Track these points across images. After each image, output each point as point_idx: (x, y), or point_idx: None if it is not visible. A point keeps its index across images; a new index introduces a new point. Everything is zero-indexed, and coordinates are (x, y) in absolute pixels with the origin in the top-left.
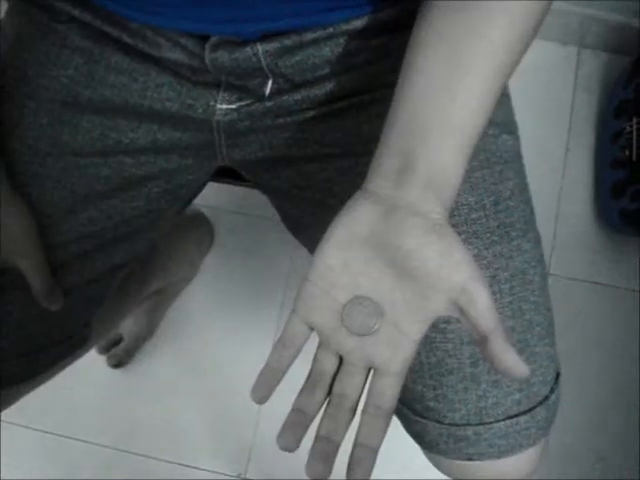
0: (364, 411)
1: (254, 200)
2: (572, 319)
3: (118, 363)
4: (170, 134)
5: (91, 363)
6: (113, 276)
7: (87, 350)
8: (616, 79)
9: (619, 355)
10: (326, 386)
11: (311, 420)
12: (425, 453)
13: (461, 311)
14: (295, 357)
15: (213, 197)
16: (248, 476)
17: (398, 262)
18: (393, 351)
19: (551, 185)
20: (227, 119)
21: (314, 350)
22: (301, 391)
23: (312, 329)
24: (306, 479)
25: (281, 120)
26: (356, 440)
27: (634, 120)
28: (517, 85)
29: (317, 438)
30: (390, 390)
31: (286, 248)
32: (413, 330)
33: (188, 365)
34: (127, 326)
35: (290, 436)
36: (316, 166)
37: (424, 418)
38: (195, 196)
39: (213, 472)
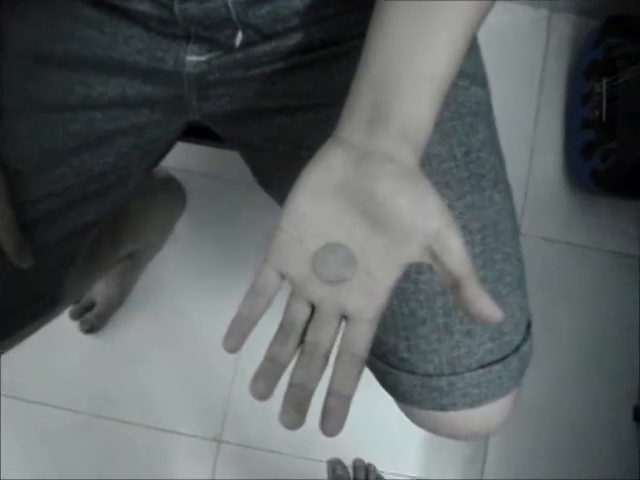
0: (337, 359)
1: (226, 163)
2: (545, 278)
3: (90, 328)
4: (140, 88)
5: (64, 329)
6: (84, 234)
7: (60, 311)
8: (585, 40)
9: (592, 313)
10: (298, 335)
11: (284, 368)
12: (399, 405)
13: (434, 258)
14: (267, 307)
15: (183, 160)
16: (224, 438)
17: (371, 209)
18: (366, 298)
19: (522, 146)
20: (197, 71)
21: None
22: (273, 340)
23: (284, 278)
24: (280, 442)
25: (251, 72)
26: (329, 389)
27: (604, 81)
28: (489, 46)
29: (290, 386)
30: (363, 338)
31: (258, 213)
32: (386, 277)
33: (161, 330)
34: (99, 291)
35: (263, 384)
36: (287, 118)
37: (397, 369)
38: (165, 153)
39: (189, 435)
